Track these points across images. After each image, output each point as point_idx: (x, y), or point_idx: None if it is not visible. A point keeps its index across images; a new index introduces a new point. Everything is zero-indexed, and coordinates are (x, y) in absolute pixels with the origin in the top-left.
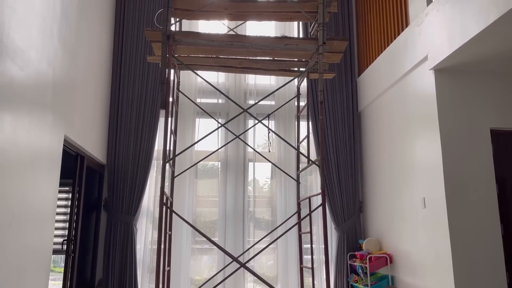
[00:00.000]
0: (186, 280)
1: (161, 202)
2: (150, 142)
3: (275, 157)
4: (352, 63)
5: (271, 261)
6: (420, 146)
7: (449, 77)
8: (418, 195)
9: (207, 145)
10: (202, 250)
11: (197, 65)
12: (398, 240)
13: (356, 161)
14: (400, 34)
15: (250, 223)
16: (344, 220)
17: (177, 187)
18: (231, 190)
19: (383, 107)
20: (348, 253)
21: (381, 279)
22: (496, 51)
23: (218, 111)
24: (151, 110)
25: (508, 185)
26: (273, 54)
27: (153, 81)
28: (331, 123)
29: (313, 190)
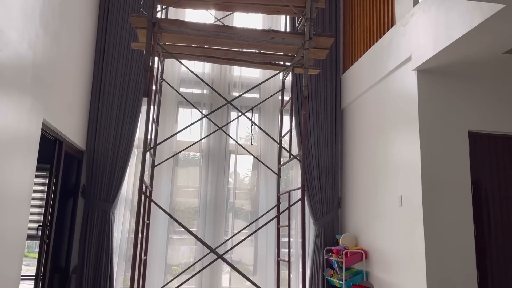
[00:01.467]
0: (163, 269)
1: (140, 191)
2: (131, 130)
3: (257, 150)
4: (337, 60)
5: (250, 253)
6: (399, 145)
7: (431, 78)
8: (396, 193)
9: (189, 135)
10: (181, 240)
11: (182, 54)
12: (374, 236)
13: (337, 158)
14: (386, 33)
15: (230, 214)
16: (323, 215)
17: (157, 176)
18: (211, 181)
19: (366, 105)
20: (324, 248)
21: (355, 274)
22: (477, 54)
23: (202, 102)
24: (133, 97)
25: (482, 187)
26: (259, 47)
27: (136, 68)
28: (314, 119)
29: (294, 184)
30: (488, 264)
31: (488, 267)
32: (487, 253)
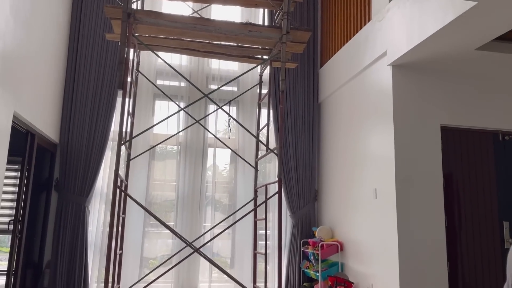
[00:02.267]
0: (139, 263)
1: (114, 185)
2: (107, 122)
3: (235, 143)
4: (315, 54)
5: (227, 246)
6: (374, 139)
7: (406, 73)
8: (371, 186)
9: (166, 128)
10: (158, 233)
11: (159, 46)
12: (349, 228)
13: (313, 151)
14: (362, 28)
15: (208, 208)
16: (299, 208)
17: (133, 170)
18: (189, 175)
19: (342, 99)
20: (301, 240)
21: (331, 266)
22: (450, 50)
23: (179, 94)
24: (108, 89)
25: (454, 180)
26: (237, 40)
27: (111, 60)
28: (291, 113)
29: (271, 178)
30: (459, 255)
31: (458, 257)
32: (457, 244)
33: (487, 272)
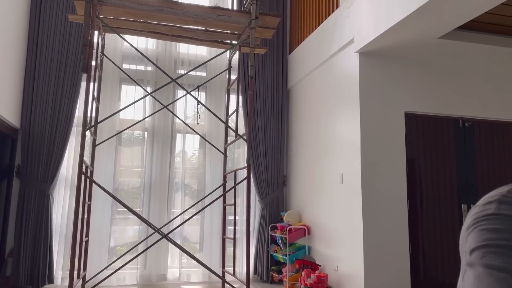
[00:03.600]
0: (107, 250)
1: (79, 171)
2: (71, 107)
3: (204, 129)
4: (284, 40)
5: (196, 231)
6: (342, 124)
7: (372, 60)
8: (337, 171)
9: (133, 113)
10: (126, 220)
11: (124, 28)
12: (316, 213)
13: (282, 137)
14: (331, 15)
15: (176, 194)
16: (268, 193)
17: (100, 156)
18: (157, 161)
19: (311, 86)
20: (270, 225)
21: (299, 249)
22: (415, 38)
23: (145, 79)
24: (72, 73)
25: (416, 165)
26: (205, 24)
27: (75, 42)
28: (260, 98)
29: (240, 163)
30: (420, 237)
31: (419, 239)
32: (418, 226)
33: (446, 253)
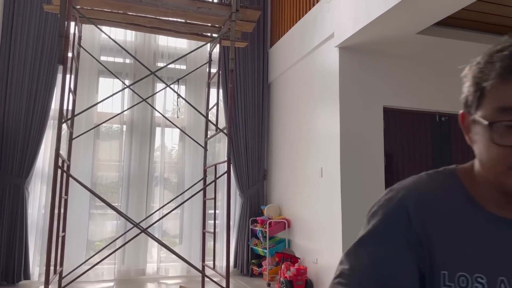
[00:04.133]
0: (85, 245)
1: (55, 165)
2: (47, 100)
3: (184, 122)
4: (265, 34)
5: (176, 226)
6: (321, 119)
7: (352, 55)
8: (317, 165)
9: (111, 106)
10: (104, 215)
11: (102, 20)
12: (296, 206)
13: (263, 131)
14: (311, 9)
15: (156, 188)
16: (249, 187)
17: (77, 150)
18: (136, 154)
19: (292, 80)
20: (250, 218)
21: (278, 243)
22: (393, 34)
23: (124, 72)
24: (48, 65)
25: (394, 158)
26: (185, 16)
27: (51, 33)
28: (241, 92)
29: (221, 157)
30: None
31: None
32: None
33: None
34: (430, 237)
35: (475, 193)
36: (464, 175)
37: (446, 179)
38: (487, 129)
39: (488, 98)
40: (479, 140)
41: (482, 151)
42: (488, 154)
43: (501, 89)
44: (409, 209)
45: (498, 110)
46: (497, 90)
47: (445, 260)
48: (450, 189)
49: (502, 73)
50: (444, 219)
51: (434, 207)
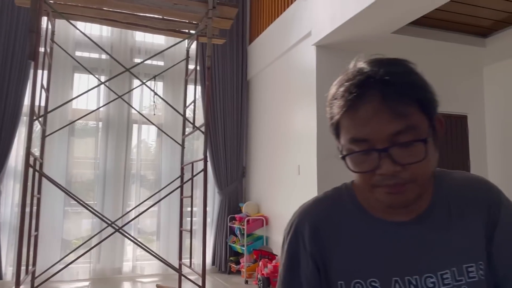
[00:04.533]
0: (59, 244)
1: (26, 163)
2: (18, 96)
3: (162, 119)
4: (244, 31)
5: (153, 224)
6: (299, 116)
7: (329, 53)
8: (295, 162)
9: (87, 103)
10: (80, 213)
11: (75, 15)
12: (274, 204)
13: (242, 128)
14: (289, 7)
15: (132, 186)
16: (227, 184)
17: (51, 147)
18: (112, 152)
19: (270, 77)
20: (228, 216)
21: (256, 240)
22: (369, 33)
23: (100, 68)
24: (20, 60)
25: None
26: (161, 12)
27: (23, 28)
28: (220, 89)
29: (199, 155)
30: None
31: None
32: None
33: None
34: (327, 254)
35: (365, 203)
36: (357, 188)
37: (341, 194)
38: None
39: (342, 129)
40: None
41: (353, 174)
42: (355, 177)
43: (347, 123)
44: (304, 235)
45: (350, 141)
46: (346, 123)
47: (342, 270)
48: (345, 203)
49: (345, 109)
50: (339, 232)
51: (329, 224)
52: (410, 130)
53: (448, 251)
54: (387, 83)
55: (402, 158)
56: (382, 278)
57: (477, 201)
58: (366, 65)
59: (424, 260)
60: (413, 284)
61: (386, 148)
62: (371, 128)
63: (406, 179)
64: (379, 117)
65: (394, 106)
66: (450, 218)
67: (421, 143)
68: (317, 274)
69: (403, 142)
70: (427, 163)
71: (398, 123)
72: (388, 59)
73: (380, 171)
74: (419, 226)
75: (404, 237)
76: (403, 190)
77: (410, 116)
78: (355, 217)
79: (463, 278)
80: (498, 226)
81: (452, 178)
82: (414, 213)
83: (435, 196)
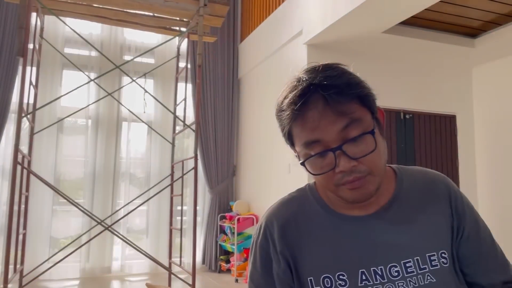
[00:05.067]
0: (48, 243)
1: (15, 160)
2: (7, 93)
3: (152, 117)
4: (235, 29)
5: (143, 222)
6: None
7: (320, 53)
8: (285, 161)
9: (76, 100)
10: (68, 212)
11: (65, 11)
12: (264, 202)
13: (232, 127)
14: (281, 5)
15: (122, 184)
16: (218, 183)
17: (40, 145)
18: (101, 150)
19: (261, 76)
20: (219, 214)
21: (247, 238)
22: (360, 32)
23: (90, 65)
24: (8, 57)
25: None
26: (151, 9)
27: (11, 24)
28: (211, 88)
29: (189, 153)
30: None
31: None
32: None
33: None
34: (295, 252)
35: (328, 200)
36: (320, 188)
37: (306, 194)
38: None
39: (295, 137)
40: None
41: (314, 178)
42: (317, 180)
43: (298, 130)
44: (274, 235)
45: (305, 145)
46: (297, 131)
47: (310, 266)
48: (309, 202)
49: (294, 118)
50: (306, 230)
51: (296, 223)
52: (356, 124)
53: (410, 241)
54: (326, 86)
55: (355, 153)
56: (349, 270)
57: (437, 195)
58: (304, 74)
59: (388, 250)
60: (379, 274)
61: (340, 146)
62: (321, 130)
63: (363, 171)
64: (325, 118)
65: (337, 106)
66: (412, 210)
67: (369, 134)
68: (289, 272)
69: (353, 137)
70: (378, 153)
71: (344, 119)
72: (322, 65)
73: (338, 169)
74: (381, 219)
75: (368, 230)
76: (364, 183)
77: (353, 112)
78: (320, 215)
79: (427, 266)
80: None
81: (411, 173)
82: (377, 207)
83: (397, 190)
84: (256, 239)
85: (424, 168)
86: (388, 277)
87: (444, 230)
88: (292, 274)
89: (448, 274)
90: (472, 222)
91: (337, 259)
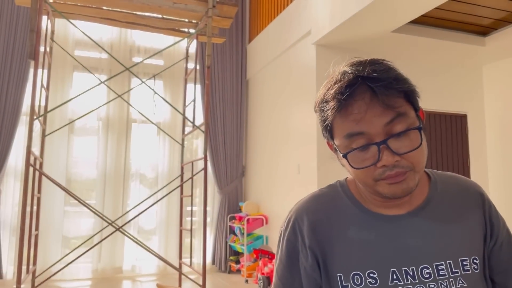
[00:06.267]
0: (61, 243)
1: (27, 162)
2: (18, 95)
3: (162, 118)
4: (243, 30)
5: (153, 223)
6: (299, 116)
7: (329, 52)
8: (294, 161)
9: (87, 102)
10: (80, 212)
11: (75, 14)
12: (274, 203)
13: (241, 127)
14: (289, 5)
15: (132, 185)
16: (227, 184)
17: (51, 147)
18: (112, 151)
19: (270, 76)
20: (228, 215)
21: (256, 239)
22: (369, 32)
23: (100, 67)
24: (20, 60)
25: None
26: (160, 11)
27: (23, 27)
28: (220, 88)
29: (199, 153)
30: None
31: None
32: None
33: None
34: (325, 248)
35: (360, 198)
36: (352, 184)
37: (337, 190)
38: (345, 159)
39: (335, 129)
40: (345, 164)
41: (351, 172)
42: (356, 174)
43: (340, 122)
44: (302, 230)
45: (347, 137)
46: (338, 123)
47: (340, 263)
48: (340, 199)
49: (335, 112)
50: (337, 226)
51: (327, 218)
52: (401, 119)
53: (444, 244)
54: (374, 79)
55: (399, 148)
56: (380, 269)
57: (471, 202)
58: (349, 68)
59: (420, 252)
60: (410, 274)
61: (385, 140)
62: (366, 122)
63: (406, 167)
64: (372, 110)
65: (384, 99)
66: (445, 213)
67: (416, 130)
68: (317, 267)
69: (399, 132)
70: (422, 150)
71: (390, 113)
72: (368, 59)
73: (381, 163)
74: (416, 219)
75: (401, 230)
76: (405, 178)
77: (399, 107)
78: (353, 212)
79: (459, 270)
80: (496, 226)
81: (444, 177)
82: (409, 207)
83: (432, 191)
84: (284, 232)
85: (455, 174)
86: (419, 278)
87: (477, 237)
88: (320, 269)
89: (479, 280)
90: (505, 232)
91: (368, 257)
